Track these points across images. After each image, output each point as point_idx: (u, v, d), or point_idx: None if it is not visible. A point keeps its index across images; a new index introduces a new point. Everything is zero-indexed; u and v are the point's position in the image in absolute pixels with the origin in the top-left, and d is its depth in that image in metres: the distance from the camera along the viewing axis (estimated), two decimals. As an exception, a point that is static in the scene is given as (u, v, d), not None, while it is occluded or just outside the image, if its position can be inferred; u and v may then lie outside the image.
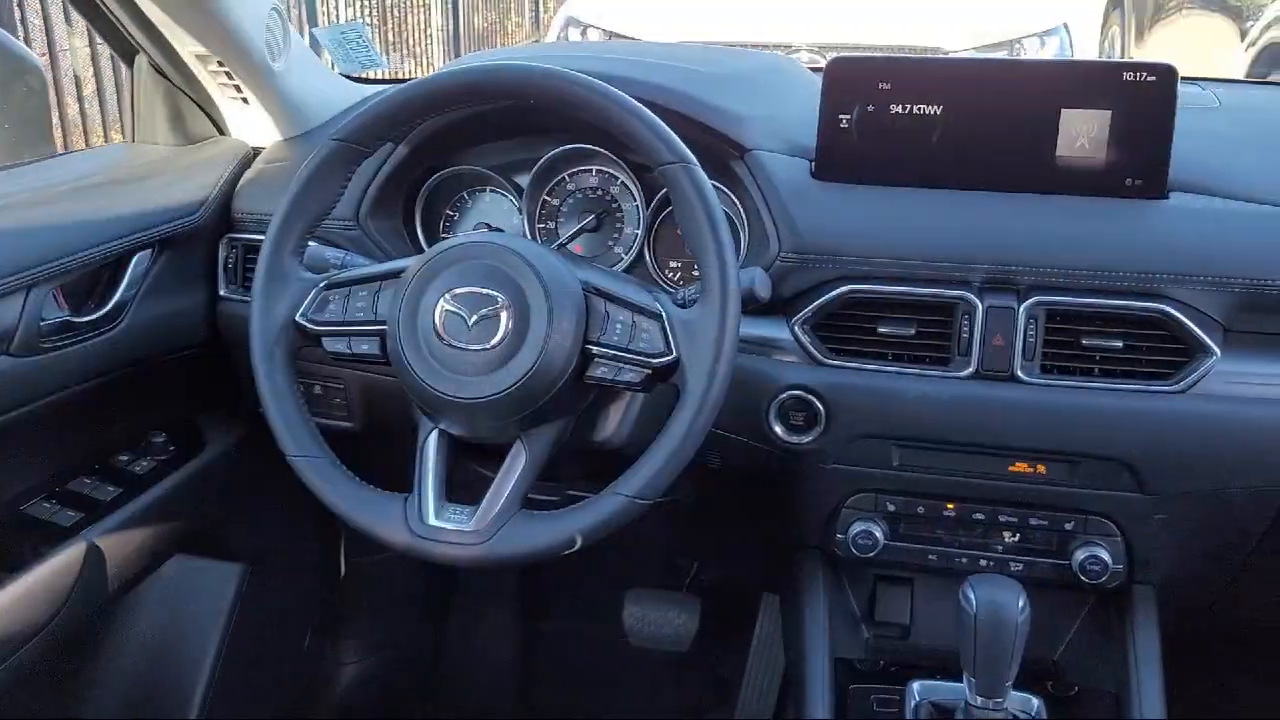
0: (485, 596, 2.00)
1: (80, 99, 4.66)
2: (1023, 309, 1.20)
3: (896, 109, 1.27)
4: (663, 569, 1.89)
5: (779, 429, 1.26)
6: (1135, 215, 1.22)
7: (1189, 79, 1.56)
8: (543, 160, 1.40)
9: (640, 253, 1.41)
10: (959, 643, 1.14)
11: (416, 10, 7.54)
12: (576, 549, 1.08)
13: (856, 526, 1.30)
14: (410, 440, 1.14)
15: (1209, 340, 1.17)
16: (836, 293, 1.24)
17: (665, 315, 1.10)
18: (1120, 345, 1.19)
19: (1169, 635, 1.32)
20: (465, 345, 1.08)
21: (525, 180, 1.42)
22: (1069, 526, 1.26)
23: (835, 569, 1.40)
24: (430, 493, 1.10)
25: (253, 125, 1.51)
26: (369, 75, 1.76)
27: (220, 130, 1.53)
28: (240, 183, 1.47)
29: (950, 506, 1.29)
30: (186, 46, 1.39)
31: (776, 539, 1.43)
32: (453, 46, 8.01)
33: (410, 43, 7.46)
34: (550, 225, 1.45)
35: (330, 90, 1.55)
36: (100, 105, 4.76)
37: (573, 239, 1.43)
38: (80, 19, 4.22)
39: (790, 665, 1.35)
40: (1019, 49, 4.36)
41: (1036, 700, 1.20)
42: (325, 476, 1.11)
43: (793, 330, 1.26)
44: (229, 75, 1.42)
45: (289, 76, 1.44)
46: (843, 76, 1.27)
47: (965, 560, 1.30)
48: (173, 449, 1.44)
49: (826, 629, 1.35)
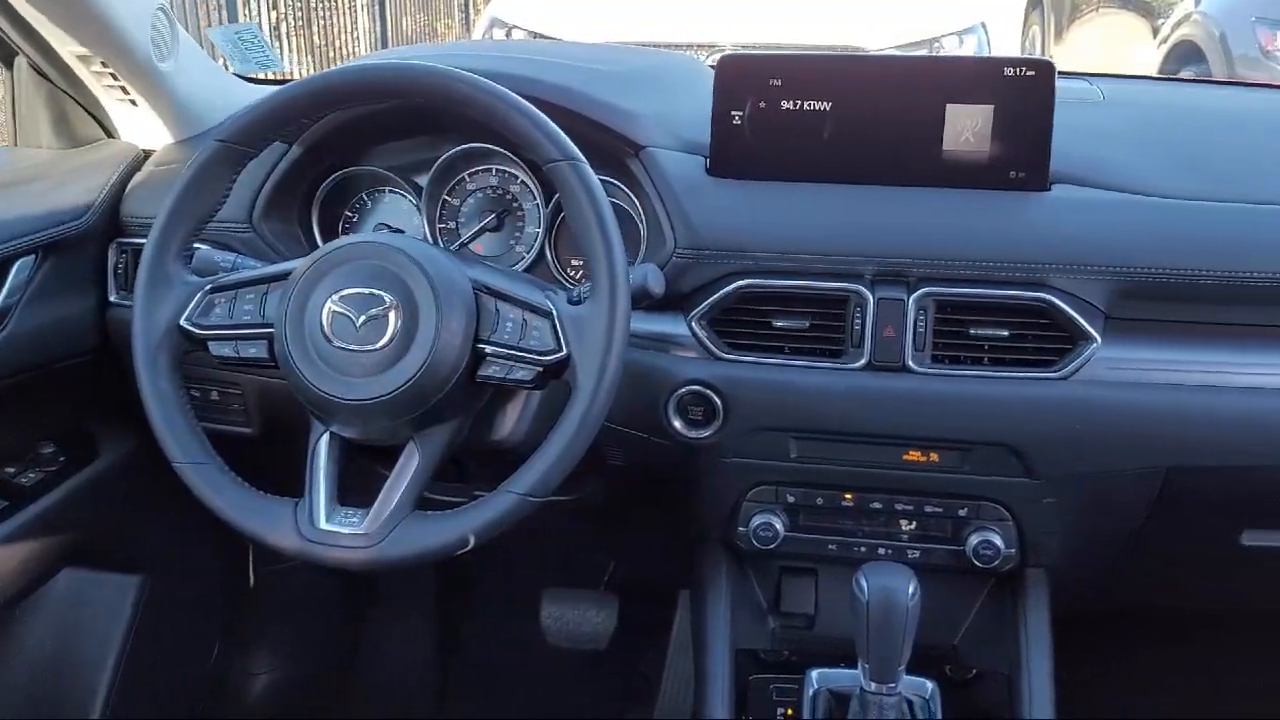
0: (402, 600, 1.99)
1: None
2: (912, 300, 1.22)
3: (787, 105, 1.28)
4: (580, 568, 1.89)
5: (678, 424, 1.27)
6: (1019, 207, 1.25)
7: (1084, 74, 1.60)
8: (441, 160, 1.39)
9: (541, 251, 1.41)
10: (854, 630, 1.16)
11: (342, 13, 7.45)
12: (470, 548, 1.08)
13: (757, 519, 1.32)
14: None
15: (1090, 328, 1.20)
16: (731, 288, 1.25)
17: (556, 312, 1.10)
18: (1006, 334, 1.22)
19: (1062, 616, 1.36)
20: (353, 346, 1.07)
21: (425, 180, 1.41)
22: (963, 513, 1.29)
23: (740, 562, 1.42)
24: (321, 496, 1.09)
25: (143, 127, 1.48)
26: (270, 76, 1.74)
27: (108, 133, 1.50)
28: (129, 186, 1.44)
29: (848, 497, 1.31)
30: (66, 47, 1.36)
31: (682, 534, 1.44)
32: (380, 50, 7.94)
33: (337, 46, 7.38)
34: (451, 225, 1.44)
35: (225, 91, 1.52)
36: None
37: (474, 239, 1.43)
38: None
39: (694, 659, 1.37)
40: (938, 47, 4.43)
41: (930, 684, 1.23)
42: (212, 483, 1.10)
43: (690, 326, 1.27)
44: (114, 76, 1.39)
45: (178, 77, 1.42)
46: (734, 74, 1.29)
47: (864, 549, 1.32)
48: (63, 459, 1.41)
49: (728, 622, 1.36)
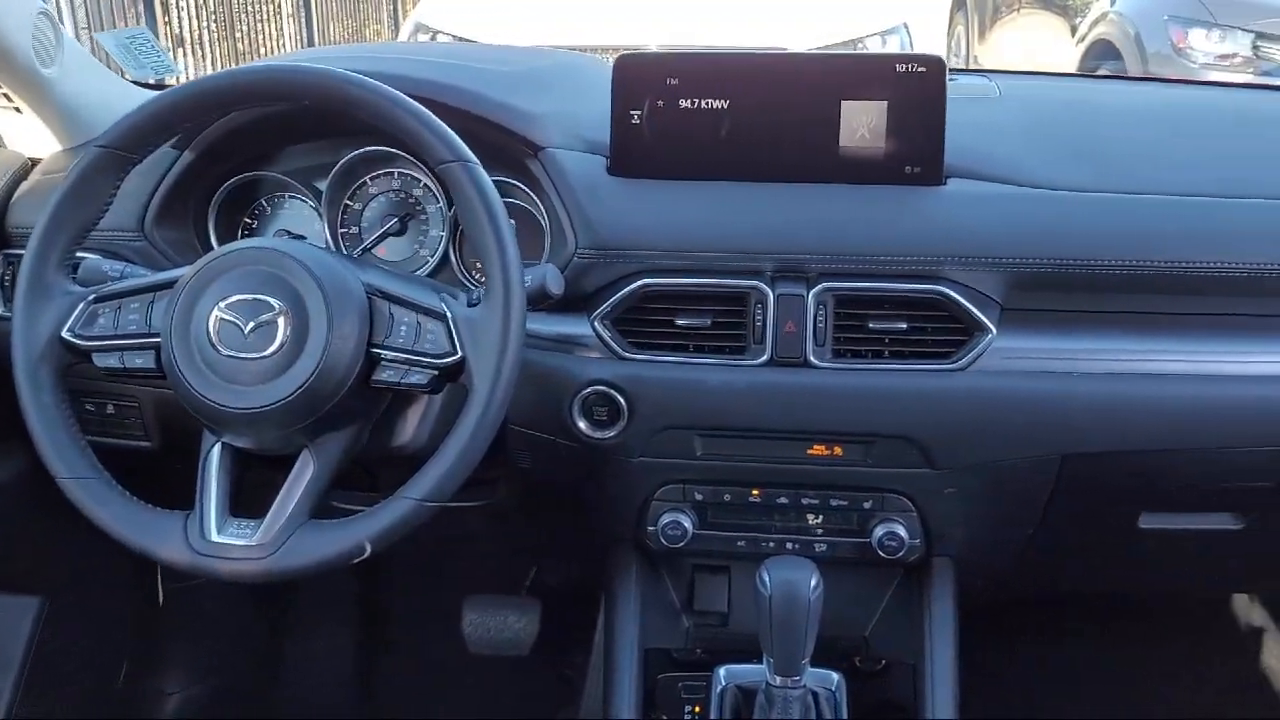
0: (321, 611, 1.96)
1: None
2: (811, 296, 1.23)
3: (685, 104, 1.29)
4: (502, 574, 1.88)
5: (583, 425, 1.27)
6: (915, 201, 1.26)
7: (983, 71, 1.63)
8: (340, 164, 1.38)
9: (446, 254, 1.40)
10: (757, 624, 1.16)
11: (266, 20, 7.35)
12: (366, 556, 1.06)
13: (666, 517, 1.32)
14: None
15: (985, 319, 1.22)
16: (633, 287, 1.25)
17: (450, 315, 1.09)
18: (904, 327, 1.23)
19: (970, 605, 1.37)
20: (242, 354, 1.06)
21: (325, 185, 1.39)
22: (868, 505, 1.30)
23: (652, 561, 1.42)
24: (212, 508, 1.07)
25: (30, 135, 1.44)
26: (173, 82, 1.70)
27: None
28: (15, 196, 1.40)
29: (755, 492, 1.31)
30: None
31: (594, 535, 1.44)
32: (305, 55, 7.82)
33: (262, 54, 7.27)
34: (354, 230, 1.42)
35: (117, 97, 1.49)
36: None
37: (376, 243, 1.41)
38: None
39: (604, 660, 1.36)
40: (861, 48, 4.48)
41: (836, 675, 1.24)
42: (98, 498, 1.07)
43: (593, 326, 1.27)
44: (-6, 83, 1.35)
45: (64, 83, 1.38)
46: (631, 73, 1.29)
47: (772, 544, 1.33)
48: None
49: (637, 622, 1.36)
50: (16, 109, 1.39)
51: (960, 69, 1.94)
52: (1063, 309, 1.25)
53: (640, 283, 1.25)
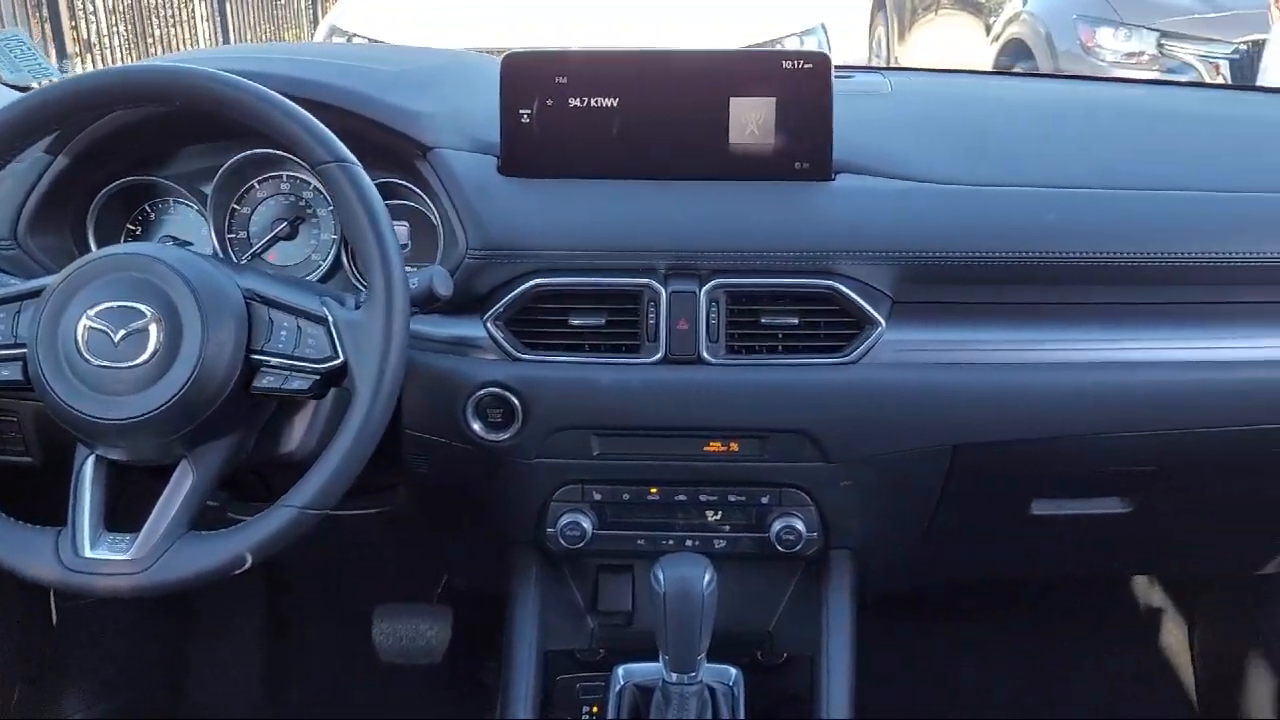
0: (226, 623, 1.92)
1: None
2: (704, 293, 1.23)
3: (575, 102, 1.28)
4: (412, 581, 1.85)
5: (477, 427, 1.26)
6: (804, 197, 1.27)
7: (877, 69, 1.65)
8: (224, 167, 1.35)
9: (338, 258, 1.38)
10: (652, 622, 1.16)
11: (181, 24, 7.20)
12: (248, 567, 1.04)
13: (564, 519, 1.31)
14: None
15: (875, 312, 1.23)
16: (525, 287, 1.24)
17: (331, 318, 1.08)
18: (796, 322, 1.24)
19: (871, 597, 1.39)
20: (112, 363, 1.03)
21: (210, 189, 1.36)
22: (765, 500, 1.31)
23: (555, 563, 1.41)
24: (85, 523, 1.04)
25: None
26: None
27: None
28: None
29: (653, 491, 1.31)
30: None
31: (495, 538, 1.42)
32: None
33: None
34: (242, 235, 1.40)
35: (-7, 102, 1.44)
36: None
37: (266, 248, 1.39)
38: None
39: (501, 663, 1.35)
40: (779, 49, 4.52)
41: (734, 671, 1.24)
42: None
43: (486, 327, 1.25)
44: None
45: (-69, 88, 1.34)
46: (520, 72, 1.28)
47: (671, 542, 1.33)
48: None
49: (536, 624, 1.35)
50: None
51: (854, 66, 1.97)
52: (952, 301, 1.27)
53: (532, 283, 1.24)
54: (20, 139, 1.10)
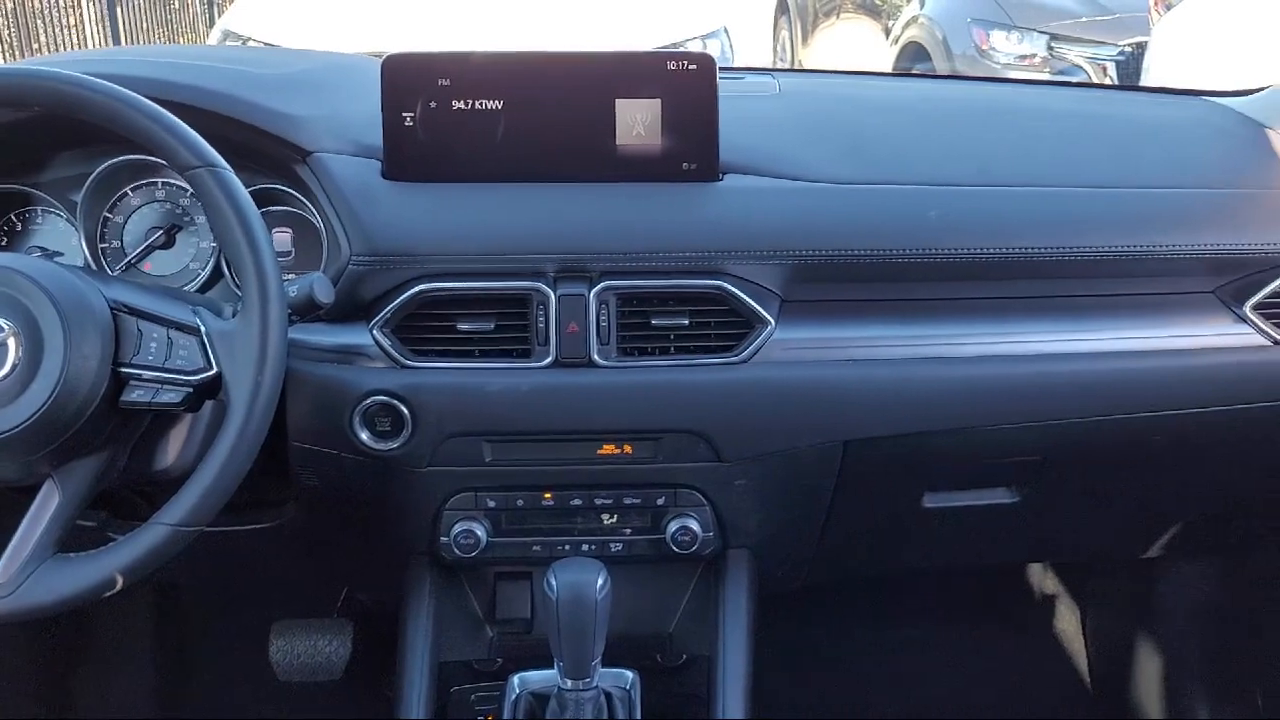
0: (116, 646, 1.85)
1: None
2: (593, 295, 1.23)
3: (459, 105, 1.26)
4: (311, 596, 1.81)
5: (365, 436, 1.23)
6: (692, 198, 1.27)
7: (767, 70, 1.66)
8: (94, 175, 1.30)
9: (218, 266, 1.34)
10: (546, 628, 1.15)
11: (69, 29, 6.95)
12: (119, 589, 1.00)
13: (458, 527, 1.29)
14: None
15: (764, 312, 1.24)
16: (412, 293, 1.22)
17: (204, 329, 1.05)
18: (687, 323, 1.24)
19: (769, 594, 1.39)
20: None
21: (80, 197, 1.31)
22: (661, 502, 1.30)
23: (452, 572, 1.39)
24: None
25: None
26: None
27: None
28: None
29: (548, 496, 1.30)
30: None
31: (390, 549, 1.40)
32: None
33: (65, 63, 6.86)
34: (116, 245, 1.35)
35: None
36: None
37: (141, 258, 1.34)
38: None
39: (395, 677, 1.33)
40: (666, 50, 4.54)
41: (631, 674, 1.24)
42: None
43: (372, 334, 1.23)
44: None
45: None
46: (401, 74, 1.26)
47: (568, 547, 1.32)
48: None
49: (429, 636, 1.33)
50: None
51: (744, 67, 1.99)
52: (840, 299, 1.29)
53: (418, 289, 1.22)
54: None
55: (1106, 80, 4.97)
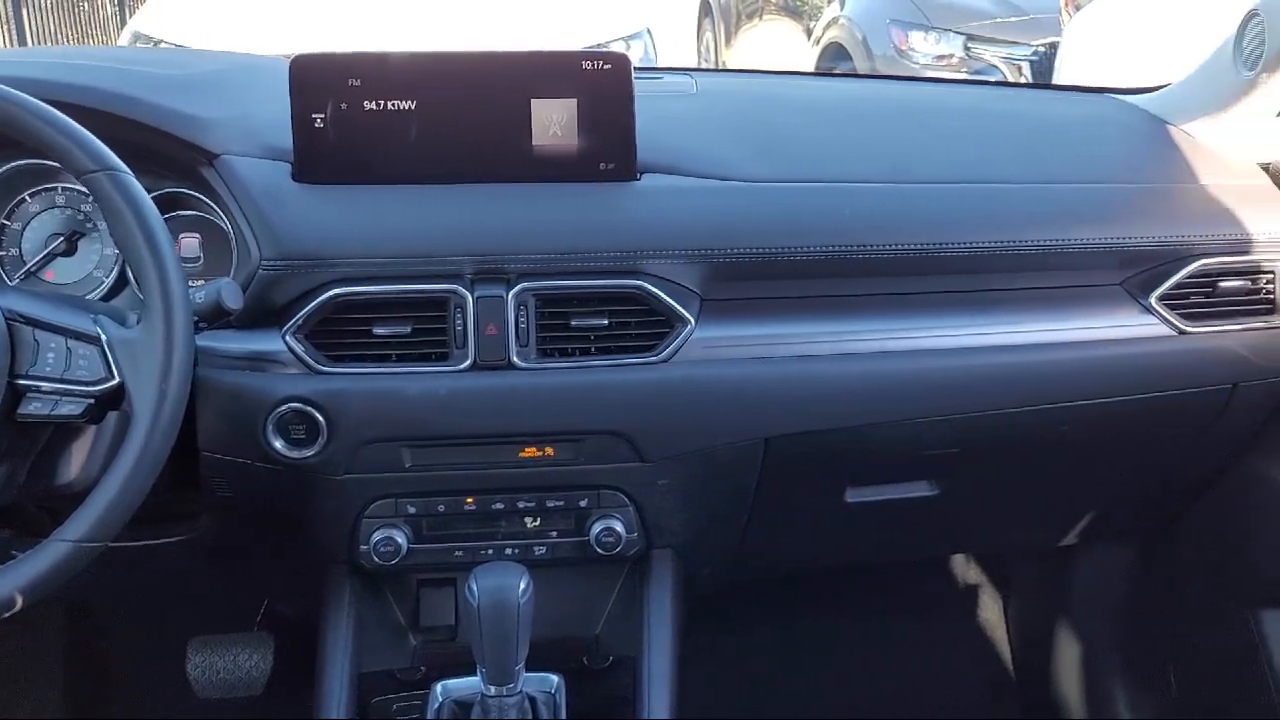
0: (25, 666, 1.78)
1: None
2: (512, 296, 1.21)
3: (370, 106, 1.24)
4: (228, 610, 1.77)
5: (279, 445, 1.20)
6: (610, 197, 1.27)
7: (686, 69, 1.66)
8: None
9: (123, 273, 1.30)
10: (468, 635, 1.13)
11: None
12: (19, 609, 0.96)
13: (377, 535, 1.27)
14: None
15: (684, 311, 1.24)
16: (325, 297, 1.19)
17: (105, 338, 1.01)
18: (607, 323, 1.24)
19: (696, 593, 1.40)
20: None
21: None
22: (584, 503, 1.30)
23: (373, 581, 1.37)
24: None
25: None
26: None
27: None
28: None
29: (469, 501, 1.29)
30: None
31: (308, 559, 1.37)
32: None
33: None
34: (14, 252, 1.30)
35: None
36: None
37: (42, 266, 1.30)
38: None
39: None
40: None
41: (556, 678, 1.23)
42: None
43: (285, 340, 1.20)
44: None
45: None
46: (310, 75, 1.23)
47: (491, 551, 1.30)
48: None
49: (348, 646, 1.30)
50: None
51: (661, 67, 1.99)
52: (759, 296, 1.29)
53: (332, 293, 1.19)
54: None
55: (1021, 79, 5.08)
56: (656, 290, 1.23)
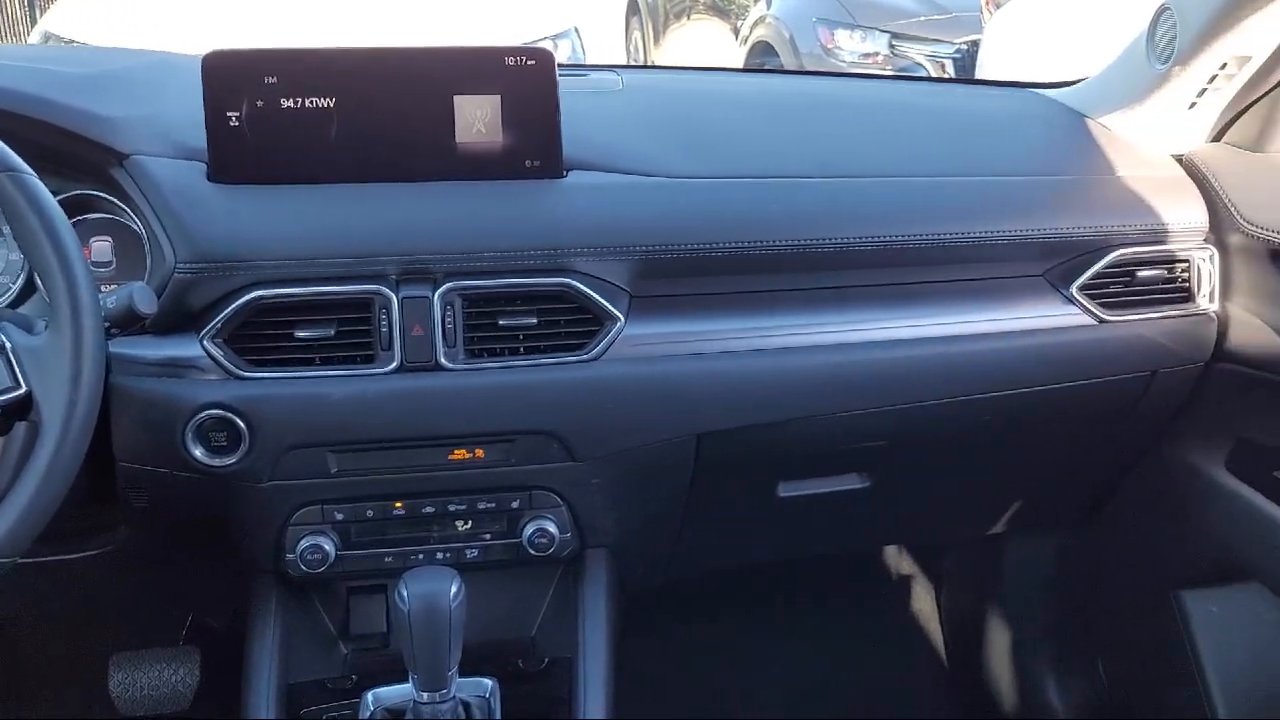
0: None
1: None
2: (438, 296, 1.19)
3: (288, 103, 1.21)
4: (151, 624, 1.72)
5: (199, 453, 1.17)
6: (536, 195, 1.25)
7: (611, 66, 1.65)
8: None
9: (30, 279, 1.25)
10: (399, 641, 1.11)
11: None
12: None
13: (304, 542, 1.24)
14: None
15: (613, 308, 1.23)
16: (244, 300, 1.16)
17: (9, 345, 0.97)
18: (535, 322, 1.22)
19: (632, 592, 1.39)
20: None
21: None
22: (516, 505, 1.28)
23: (301, 590, 1.33)
24: None
25: None
26: None
27: None
28: None
29: (399, 505, 1.26)
30: None
31: (233, 570, 1.33)
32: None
33: None
34: (-89, 258, 1.24)
35: None
36: None
37: (-56, 271, 1.24)
38: None
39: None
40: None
41: (490, 682, 1.21)
42: None
43: (203, 345, 1.17)
44: None
45: None
46: (224, 72, 1.20)
47: (421, 556, 1.28)
48: None
49: (275, 656, 1.27)
50: None
51: (587, 65, 1.98)
52: (688, 293, 1.29)
53: (251, 295, 1.16)
54: None
55: (945, 77, 5.16)
56: (585, 288, 1.22)
